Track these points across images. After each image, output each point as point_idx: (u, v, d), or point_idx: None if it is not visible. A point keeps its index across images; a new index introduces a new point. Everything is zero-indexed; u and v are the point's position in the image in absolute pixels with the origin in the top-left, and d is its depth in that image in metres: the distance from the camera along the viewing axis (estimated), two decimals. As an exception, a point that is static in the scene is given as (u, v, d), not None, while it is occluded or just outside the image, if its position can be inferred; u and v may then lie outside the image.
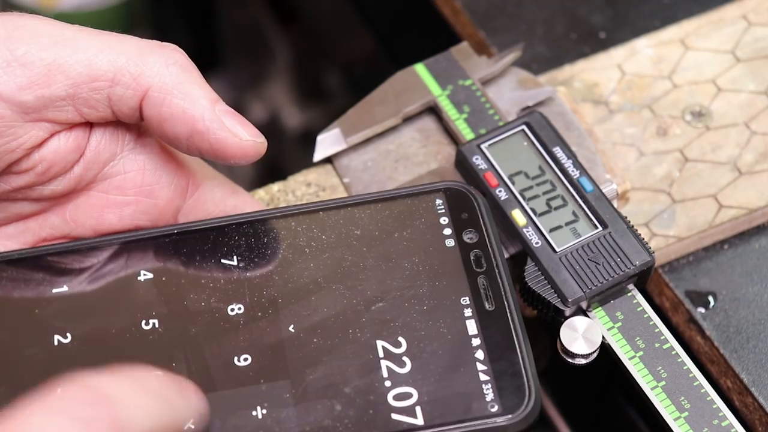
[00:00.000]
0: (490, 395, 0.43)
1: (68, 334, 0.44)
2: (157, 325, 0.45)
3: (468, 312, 0.45)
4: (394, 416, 0.42)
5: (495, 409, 0.42)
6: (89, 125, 0.46)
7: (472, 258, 0.46)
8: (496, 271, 0.46)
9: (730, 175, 0.55)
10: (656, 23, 0.62)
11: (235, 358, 0.44)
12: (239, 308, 0.45)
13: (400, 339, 0.44)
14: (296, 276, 0.46)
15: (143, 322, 0.45)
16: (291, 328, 0.44)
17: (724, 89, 0.58)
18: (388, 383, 0.43)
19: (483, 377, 0.43)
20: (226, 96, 0.46)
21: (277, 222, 0.47)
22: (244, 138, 0.45)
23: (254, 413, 0.42)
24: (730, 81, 0.58)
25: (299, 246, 0.47)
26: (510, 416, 0.42)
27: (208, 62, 1.12)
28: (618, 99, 0.58)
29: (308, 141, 0.84)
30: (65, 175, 0.46)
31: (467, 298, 0.45)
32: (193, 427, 0.42)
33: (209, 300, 0.45)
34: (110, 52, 0.44)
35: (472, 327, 0.44)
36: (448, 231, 0.47)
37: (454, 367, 0.43)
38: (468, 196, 0.48)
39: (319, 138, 0.54)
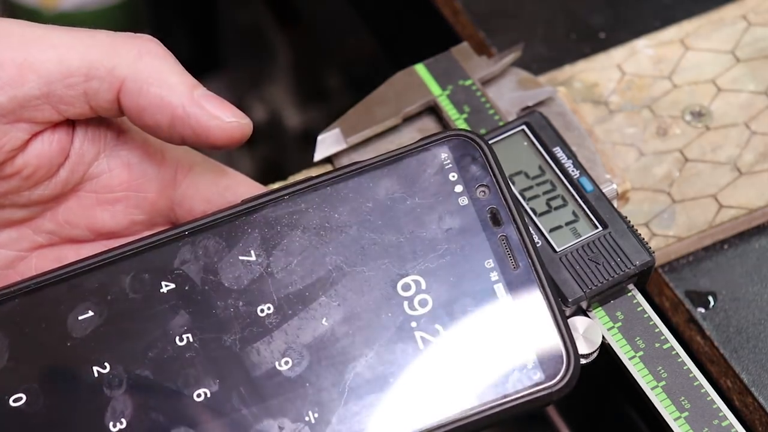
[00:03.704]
0: (530, 364, 0.41)
1: (106, 364, 0.42)
2: (191, 339, 0.43)
3: (494, 276, 0.43)
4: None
5: (537, 376, 0.41)
6: (72, 127, 0.46)
7: (488, 215, 0.44)
8: (514, 224, 0.44)
9: (730, 175, 0.55)
10: (656, 23, 0.62)
11: (277, 363, 0.42)
12: (269, 308, 0.43)
13: (434, 318, 0.42)
14: (318, 264, 0.44)
15: (177, 338, 0.43)
16: (324, 321, 0.43)
17: (724, 89, 0.58)
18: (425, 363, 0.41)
19: (520, 346, 0.42)
20: (226, 96, 0.46)
21: (287, 204, 0.45)
22: (226, 120, 0.44)
23: (306, 418, 0.41)
24: (730, 81, 0.58)
25: (314, 229, 0.44)
26: (552, 382, 0.41)
27: (208, 63, 1.12)
28: (618, 99, 0.58)
29: (308, 141, 0.84)
30: (51, 179, 0.46)
31: (491, 260, 0.43)
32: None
33: (237, 304, 0.43)
34: (81, 47, 0.44)
35: (500, 291, 0.43)
36: (459, 188, 0.44)
37: (489, 340, 0.42)
38: (473, 144, 0.45)
39: (320, 138, 0.54)
